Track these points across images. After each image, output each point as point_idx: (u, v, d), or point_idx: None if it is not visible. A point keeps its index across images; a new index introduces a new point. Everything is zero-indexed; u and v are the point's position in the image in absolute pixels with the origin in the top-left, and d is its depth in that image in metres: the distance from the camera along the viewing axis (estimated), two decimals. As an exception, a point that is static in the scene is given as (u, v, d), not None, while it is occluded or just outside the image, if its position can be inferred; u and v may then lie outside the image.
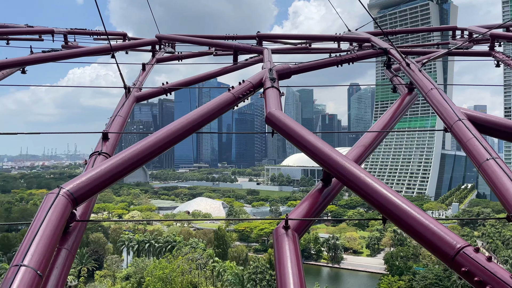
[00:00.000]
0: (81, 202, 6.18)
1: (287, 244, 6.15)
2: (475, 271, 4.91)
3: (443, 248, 5.26)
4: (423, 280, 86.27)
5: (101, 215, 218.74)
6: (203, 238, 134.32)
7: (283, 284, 5.48)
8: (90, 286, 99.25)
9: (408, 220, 5.69)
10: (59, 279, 5.51)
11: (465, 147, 7.38)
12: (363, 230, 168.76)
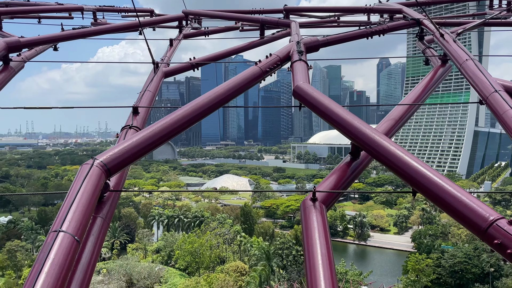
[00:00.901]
0: (114, 172, 6.39)
1: (314, 216, 6.18)
2: (508, 243, 4.79)
3: (475, 221, 5.16)
4: (452, 259, 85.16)
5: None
6: (230, 214, 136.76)
7: (311, 255, 5.53)
8: (123, 258, 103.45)
9: (439, 193, 5.58)
10: (95, 245, 5.77)
11: (501, 119, 7.11)
12: (390, 208, 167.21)
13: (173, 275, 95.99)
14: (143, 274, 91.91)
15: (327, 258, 5.39)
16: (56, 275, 4.42)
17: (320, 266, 5.27)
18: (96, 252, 5.73)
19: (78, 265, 5.32)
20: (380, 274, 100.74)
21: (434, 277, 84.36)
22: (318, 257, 5.41)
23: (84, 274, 5.31)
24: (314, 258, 5.40)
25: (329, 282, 5.06)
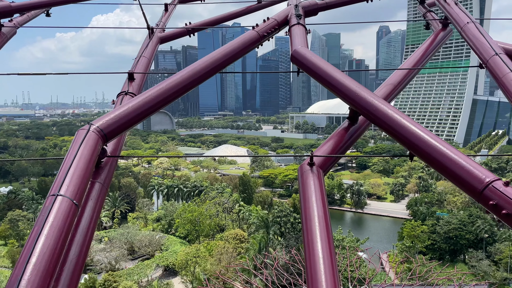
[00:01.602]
0: (111, 138, 6.37)
1: (311, 180, 6.21)
2: (503, 204, 4.84)
3: (471, 182, 5.19)
4: (447, 225, 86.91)
5: (131, 161, 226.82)
6: (229, 183, 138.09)
7: (308, 217, 5.59)
8: (124, 227, 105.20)
9: (436, 155, 5.59)
10: (94, 209, 5.83)
11: (500, 82, 7.04)
12: (387, 177, 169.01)
13: (173, 242, 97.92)
14: (144, 242, 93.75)
15: (323, 220, 5.46)
16: (56, 238, 4.48)
17: (317, 228, 5.34)
18: (95, 216, 5.79)
19: (78, 228, 5.39)
20: (376, 240, 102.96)
21: (429, 243, 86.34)
22: (315, 219, 5.48)
23: (84, 237, 5.39)
24: (311, 220, 5.47)
25: (326, 243, 5.14)
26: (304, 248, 5.28)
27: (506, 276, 74.87)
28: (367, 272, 58.87)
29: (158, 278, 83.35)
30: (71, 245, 5.15)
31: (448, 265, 76.04)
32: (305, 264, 5.09)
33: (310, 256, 5.06)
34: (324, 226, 5.42)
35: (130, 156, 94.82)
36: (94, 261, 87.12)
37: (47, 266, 4.20)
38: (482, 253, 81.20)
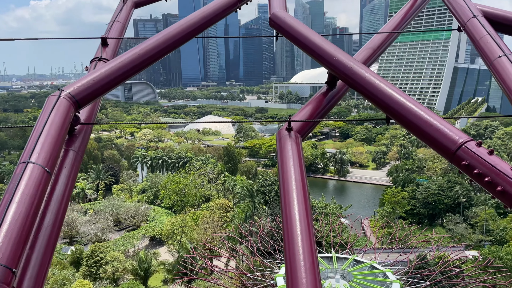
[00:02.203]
0: (83, 105, 6.18)
1: (289, 145, 6.20)
2: (476, 164, 4.94)
3: (445, 144, 5.26)
4: (426, 191, 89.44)
5: (113, 133, 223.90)
6: (213, 154, 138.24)
7: (285, 181, 5.61)
8: (109, 198, 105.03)
9: (411, 118, 5.63)
10: (69, 177, 5.72)
11: (477, 45, 7.04)
12: (369, 145, 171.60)
13: (159, 213, 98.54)
14: (130, 213, 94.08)
15: (301, 184, 5.48)
16: (28, 205, 4.39)
17: (294, 191, 5.36)
18: (70, 184, 5.69)
19: (52, 196, 5.29)
20: (358, 207, 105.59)
21: (409, 208, 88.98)
22: (292, 183, 5.50)
23: (59, 205, 5.30)
24: (289, 183, 5.49)
25: (303, 205, 5.18)
26: (281, 211, 5.32)
27: (481, 238, 78.16)
28: (349, 237, 60.62)
29: (145, 248, 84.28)
30: (45, 213, 5.07)
31: (427, 229, 78.85)
32: (282, 227, 5.13)
33: (287, 218, 5.11)
34: (301, 190, 5.45)
35: (105, 123, 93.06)
36: (80, 233, 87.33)
37: (19, 234, 4.13)
38: (459, 217, 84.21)
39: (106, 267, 66.20)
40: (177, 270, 60.15)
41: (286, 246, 4.82)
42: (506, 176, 4.69)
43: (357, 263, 47.09)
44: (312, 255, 4.56)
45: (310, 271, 4.36)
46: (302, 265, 4.39)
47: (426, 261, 50.93)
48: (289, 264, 4.57)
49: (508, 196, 4.65)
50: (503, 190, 4.67)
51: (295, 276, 4.37)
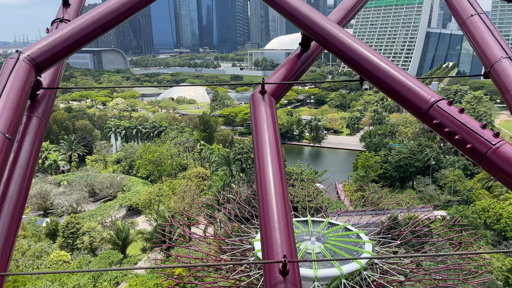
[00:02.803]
0: (44, 68, 5.84)
1: (263, 108, 6.10)
2: (446, 122, 4.99)
3: (417, 103, 5.27)
4: (398, 155, 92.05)
5: (84, 103, 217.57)
6: (188, 123, 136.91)
7: (259, 144, 5.54)
8: (83, 170, 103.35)
9: (384, 78, 5.60)
10: (33, 145, 5.47)
11: (450, 4, 7.00)
12: (344, 111, 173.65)
13: (135, 183, 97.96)
14: (105, 184, 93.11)
15: (275, 146, 5.44)
16: None
17: (268, 154, 5.31)
18: (34, 152, 5.44)
19: (16, 164, 5.06)
20: (333, 172, 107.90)
21: (381, 172, 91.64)
22: (266, 145, 5.44)
23: (24, 173, 5.09)
24: (263, 146, 5.43)
25: (277, 168, 5.15)
26: (256, 173, 5.28)
27: (449, 198, 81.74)
28: (323, 202, 62.11)
29: (122, 218, 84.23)
30: (9, 182, 4.86)
31: (398, 191, 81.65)
32: (257, 189, 5.11)
33: (261, 180, 5.08)
34: (275, 152, 5.41)
35: (70, 88, 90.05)
36: (54, 205, 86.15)
37: None
38: (429, 179, 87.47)
39: (83, 237, 66.01)
40: (156, 239, 60.61)
41: (261, 207, 4.81)
42: (475, 133, 4.76)
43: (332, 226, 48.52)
44: (286, 216, 4.57)
45: (285, 231, 4.38)
46: (276, 226, 4.39)
47: (397, 221, 53.03)
48: (264, 226, 4.57)
49: (477, 153, 4.74)
50: (472, 148, 4.75)
51: (270, 237, 4.38)
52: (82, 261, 56.19)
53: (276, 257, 4.02)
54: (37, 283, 44.98)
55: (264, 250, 4.31)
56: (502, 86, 5.47)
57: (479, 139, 4.71)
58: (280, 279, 3.87)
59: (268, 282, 3.93)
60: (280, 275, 3.89)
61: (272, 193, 4.79)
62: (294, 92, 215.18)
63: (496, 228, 65.91)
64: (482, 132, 4.75)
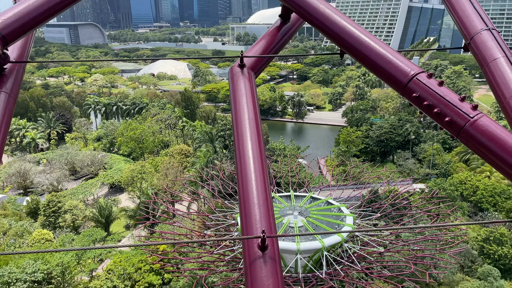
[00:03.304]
0: (11, 41, 5.53)
1: (242, 82, 5.95)
2: (425, 95, 4.94)
3: (396, 76, 5.20)
4: (379, 130, 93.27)
5: (61, 79, 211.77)
6: (170, 99, 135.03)
7: (238, 119, 5.43)
8: (62, 147, 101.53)
9: (365, 51, 5.50)
10: (2, 121, 5.24)
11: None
12: (326, 87, 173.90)
13: (117, 161, 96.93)
14: (86, 162, 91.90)
15: (254, 121, 5.34)
16: None
17: (247, 129, 5.22)
18: (3, 128, 5.22)
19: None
20: (315, 147, 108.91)
21: (363, 147, 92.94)
22: (245, 120, 5.34)
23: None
24: (242, 121, 5.32)
25: (256, 142, 5.07)
26: (235, 148, 5.18)
27: (428, 172, 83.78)
28: (306, 177, 62.90)
29: (104, 196, 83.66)
30: None
31: (379, 165, 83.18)
32: (236, 165, 5.02)
33: (240, 155, 4.99)
34: (255, 127, 5.30)
35: (40, 61, 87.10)
36: (34, 183, 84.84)
37: None
38: (409, 153, 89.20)
39: (65, 216, 65.48)
40: (139, 216, 60.60)
41: (240, 183, 4.75)
42: (454, 106, 4.74)
43: (314, 200, 49.28)
44: (265, 191, 4.53)
45: (264, 207, 4.33)
46: (255, 202, 4.35)
47: (377, 195, 54.21)
48: (243, 201, 4.52)
49: (455, 126, 4.74)
50: (450, 121, 4.74)
51: (249, 212, 4.33)
52: (65, 239, 55.91)
53: (255, 233, 3.99)
54: (19, 262, 44.68)
55: (244, 226, 4.27)
56: (482, 58, 5.44)
57: (457, 112, 4.70)
58: (259, 254, 3.86)
59: (247, 257, 3.92)
60: (259, 250, 3.88)
61: (252, 169, 4.71)
62: (277, 68, 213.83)
63: (472, 200, 68.13)
64: (460, 105, 4.73)
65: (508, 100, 4.98)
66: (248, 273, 3.81)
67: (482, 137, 4.53)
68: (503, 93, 5.06)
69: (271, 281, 3.64)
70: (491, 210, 65.31)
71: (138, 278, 45.63)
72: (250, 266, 3.81)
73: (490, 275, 47.02)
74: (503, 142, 4.43)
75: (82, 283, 48.22)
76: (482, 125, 4.56)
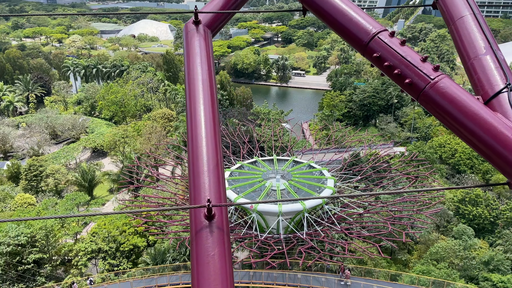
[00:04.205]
0: None
1: (197, 41, 5.49)
2: (386, 55, 4.70)
3: (357, 35, 4.92)
4: (362, 94, 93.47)
5: (38, 40, 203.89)
6: (151, 62, 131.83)
7: (191, 80, 5.07)
8: (42, 111, 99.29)
9: (327, 8, 5.23)
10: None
11: None
12: (311, 50, 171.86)
13: (99, 125, 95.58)
14: (67, 126, 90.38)
15: (208, 84, 4.99)
16: None
17: (200, 91, 4.87)
18: None
19: None
20: (298, 111, 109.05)
21: (346, 111, 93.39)
22: (198, 82, 4.95)
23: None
24: (195, 83, 4.95)
25: (209, 107, 4.81)
26: (186, 112, 4.91)
27: (409, 135, 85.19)
28: (289, 141, 63.33)
29: (87, 160, 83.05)
30: None
31: (361, 129, 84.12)
32: (187, 129, 4.77)
33: (191, 120, 4.72)
34: (208, 90, 4.88)
35: (7, 15, 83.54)
36: (14, 147, 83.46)
37: None
38: (391, 117, 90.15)
39: (47, 180, 65.05)
40: (122, 180, 60.59)
41: (190, 148, 4.40)
42: (415, 67, 4.54)
43: (296, 164, 49.92)
44: (216, 158, 4.21)
45: (213, 174, 4.07)
46: (205, 169, 4.09)
47: (358, 158, 55.15)
48: (192, 168, 4.19)
49: (415, 88, 4.54)
50: (410, 82, 4.56)
51: (197, 180, 4.05)
52: (48, 203, 55.81)
53: (203, 202, 3.81)
54: (2, 226, 44.66)
55: (191, 194, 4.03)
56: (448, 16, 5.25)
57: (418, 73, 4.51)
58: (205, 223, 3.71)
59: (193, 227, 3.75)
60: (206, 220, 3.72)
61: (203, 134, 4.41)
62: (261, 30, 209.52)
63: (450, 162, 69.94)
64: (422, 65, 4.53)
65: (472, 61, 4.79)
66: (193, 244, 3.65)
67: (441, 99, 4.34)
68: (467, 53, 4.86)
69: (216, 251, 3.55)
70: (468, 172, 67.33)
71: (123, 241, 46.26)
72: (196, 236, 3.67)
73: (465, 233, 49.11)
74: (464, 106, 4.25)
75: (66, 245, 48.68)
76: (443, 87, 4.37)
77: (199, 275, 3.49)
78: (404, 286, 40.40)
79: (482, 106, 4.28)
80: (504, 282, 41.85)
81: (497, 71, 4.59)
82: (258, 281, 40.59)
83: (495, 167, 4.32)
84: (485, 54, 4.75)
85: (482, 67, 4.69)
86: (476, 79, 4.69)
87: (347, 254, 39.67)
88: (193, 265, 3.60)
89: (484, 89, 4.55)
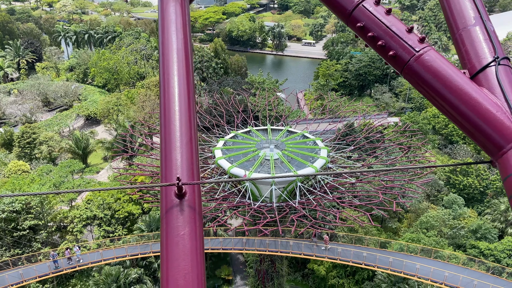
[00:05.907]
0: None
1: (172, 7, 5.09)
2: (370, 25, 4.42)
3: (341, 2, 4.61)
4: (358, 63, 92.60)
5: (28, 4, 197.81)
6: (144, 28, 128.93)
7: (165, 49, 4.79)
8: (33, 77, 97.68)
9: None
10: None
11: None
12: (308, 18, 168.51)
13: (92, 92, 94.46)
14: (59, 93, 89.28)
15: (183, 53, 4.72)
16: None
17: (174, 61, 4.59)
18: None
19: None
20: (294, 81, 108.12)
21: (341, 81, 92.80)
22: (173, 51, 4.66)
23: None
24: (169, 52, 4.67)
25: (184, 77, 4.62)
26: (159, 83, 4.71)
27: (403, 105, 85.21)
28: (284, 110, 63.17)
29: (80, 128, 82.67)
30: None
31: (356, 99, 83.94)
32: (159, 101, 4.59)
33: (164, 91, 4.48)
34: (183, 60, 4.59)
35: None
36: (6, 114, 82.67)
37: None
38: (386, 87, 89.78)
39: (41, 147, 64.87)
40: (116, 148, 60.56)
41: (162, 121, 4.17)
42: (400, 38, 4.28)
43: (290, 134, 50.03)
44: (190, 133, 4.03)
45: (186, 150, 3.89)
46: (177, 145, 3.90)
47: (352, 128, 55.30)
48: (164, 143, 3.99)
49: (399, 61, 4.31)
50: (394, 55, 4.31)
51: (169, 156, 3.86)
52: (43, 170, 55.90)
53: (174, 179, 3.60)
54: (-4, 193, 44.86)
55: (162, 171, 3.83)
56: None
57: (402, 44, 4.25)
58: (176, 202, 3.56)
59: (163, 205, 3.60)
60: (176, 198, 3.57)
61: (176, 107, 4.14)
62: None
63: (443, 133, 70.39)
64: (407, 36, 4.26)
65: (460, 32, 4.56)
66: (163, 222, 3.50)
67: (426, 73, 4.13)
68: (456, 23, 4.62)
69: (187, 230, 3.42)
70: (460, 143, 67.92)
71: (117, 208, 46.76)
72: (166, 215, 3.52)
73: (455, 203, 50.11)
74: (448, 80, 4.06)
75: (61, 212, 49.17)
76: (428, 60, 4.14)
77: (168, 257, 3.37)
78: (393, 253, 41.57)
79: (467, 81, 4.11)
80: (491, 250, 43.15)
81: (485, 43, 4.36)
82: (251, 247, 41.55)
83: (478, 145, 4.20)
84: (474, 25, 4.49)
85: (470, 38, 4.44)
86: (463, 51, 4.46)
87: (338, 222, 40.47)
88: (162, 246, 3.46)
89: (471, 63, 4.33)
